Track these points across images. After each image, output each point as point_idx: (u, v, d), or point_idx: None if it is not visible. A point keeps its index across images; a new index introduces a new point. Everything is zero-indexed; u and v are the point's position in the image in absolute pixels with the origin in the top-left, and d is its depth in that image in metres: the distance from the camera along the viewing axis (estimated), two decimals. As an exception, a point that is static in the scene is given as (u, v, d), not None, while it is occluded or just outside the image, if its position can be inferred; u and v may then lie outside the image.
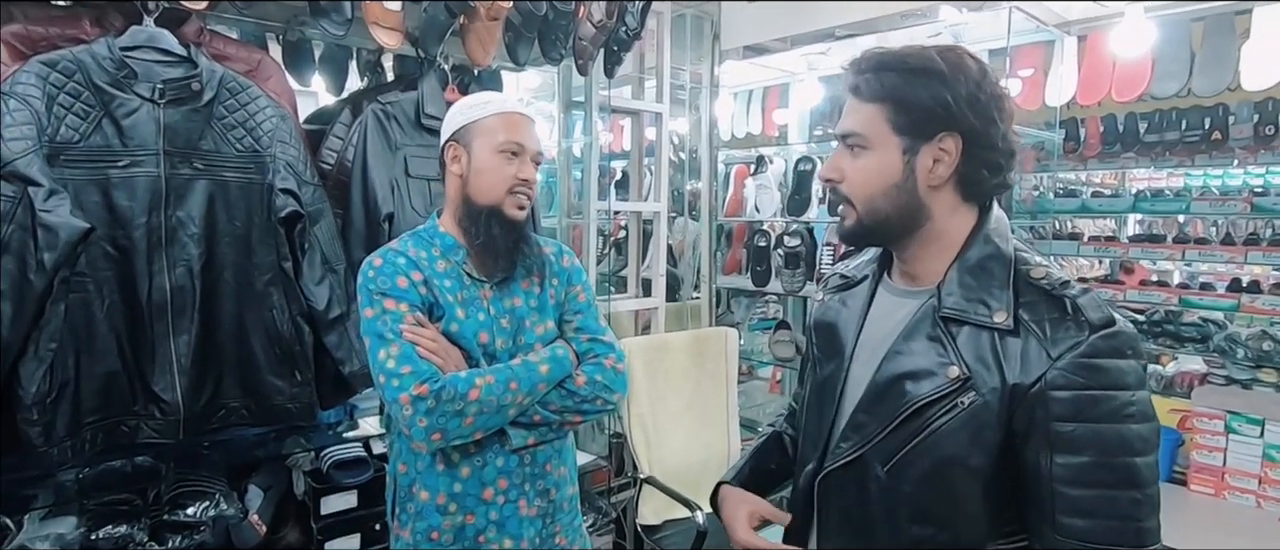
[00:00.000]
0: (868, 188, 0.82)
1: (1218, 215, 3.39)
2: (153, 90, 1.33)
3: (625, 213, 2.73)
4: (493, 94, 1.27)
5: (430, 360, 1.11)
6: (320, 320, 1.50)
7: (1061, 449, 0.72)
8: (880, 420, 0.80)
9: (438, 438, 1.10)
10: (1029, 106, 2.72)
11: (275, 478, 1.69)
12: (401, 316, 1.13)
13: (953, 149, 0.78)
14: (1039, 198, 3.30)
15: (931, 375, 0.77)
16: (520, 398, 1.16)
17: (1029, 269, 0.78)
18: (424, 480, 1.20)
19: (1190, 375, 3.29)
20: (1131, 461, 0.71)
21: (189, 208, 1.38)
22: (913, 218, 0.81)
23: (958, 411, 0.75)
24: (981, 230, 0.81)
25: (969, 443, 0.75)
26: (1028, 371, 0.73)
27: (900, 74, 0.79)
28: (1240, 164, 3.63)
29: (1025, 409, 0.73)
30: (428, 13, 1.65)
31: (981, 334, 0.76)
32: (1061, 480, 0.72)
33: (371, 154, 1.62)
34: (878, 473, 0.81)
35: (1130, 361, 0.72)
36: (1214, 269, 3.60)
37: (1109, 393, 0.71)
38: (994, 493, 0.77)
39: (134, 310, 1.34)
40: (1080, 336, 0.72)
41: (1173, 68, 2.36)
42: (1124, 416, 0.71)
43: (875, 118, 0.80)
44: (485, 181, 1.18)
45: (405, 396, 1.08)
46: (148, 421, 1.37)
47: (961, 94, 0.76)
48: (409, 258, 1.19)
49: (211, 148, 1.41)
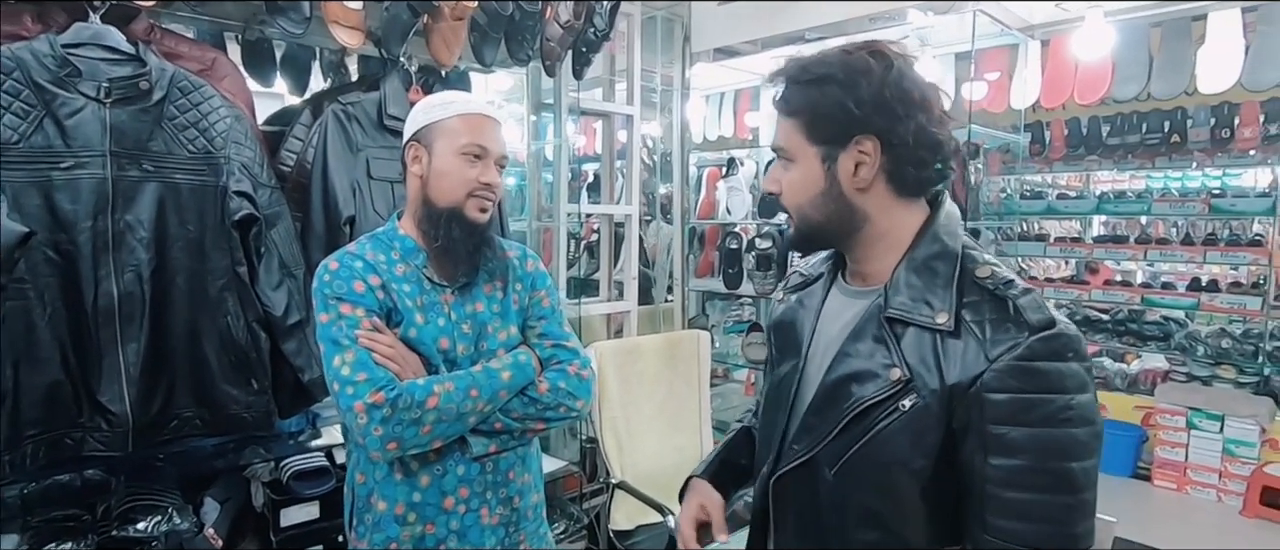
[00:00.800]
0: (797, 198, 0.83)
1: (1178, 216, 3.48)
2: (98, 89, 1.28)
3: (597, 216, 2.71)
4: (457, 94, 1.24)
5: (386, 367, 1.08)
6: (278, 326, 1.46)
7: (996, 451, 0.71)
8: (828, 423, 0.80)
9: (393, 447, 1.06)
10: (995, 109, 2.77)
11: (233, 490, 1.64)
12: (357, 322, 1.10)
13: (871, 150, 0.78)
14: (1006, 199, 3.35)
15: (875, 377, 0.77)
16: (481, 405, 1.13)
17: (975, 268, 0.78)
18: (382, 490, 1.17)
19: (1153, 373, 3.36)
20: (1067, 466, 0.71)
21: (138, 211, 1.33)
22: (847, 222, 0.82)
23: (898, 415, 0.75)
24: (930, 228, 0.81)
25: (910, 446, 0.75)
26: (966, 372, 0.72)
27: (805, 86, 0.80)
28: (1198, 166, 3.73)
29: (962, 410, 0.73)
30: (389, 12, 1.61)
31: (924, 335, 0.76)
32: (995, 482, 0.72)
33: (332, 155, 1.58)
34: (826, 476, 0.80)
35: (1070, 365, 0.71)
36: (1175, 268, 3.69)
37: (1046, 396, 0.70)
38: (936, 496, 0.76)
39: (79, 318, 1.29)
40: (1019, 338, 0.71)
41: (1132, 71, 2.41)
42: (1061, 420, 0.70)
43: (793, 131, 0.81)
44: (446, 184, 1.16)
45: (360, 405, 1.04)
46: (94, 434, 1.31)
47: (864, 97, 0.76)
48: (367, 261, 1.16)
49: (162, 149, 1.36)
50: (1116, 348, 3.52)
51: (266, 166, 1.49)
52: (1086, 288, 3.57)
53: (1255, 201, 3.21)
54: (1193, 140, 3.25)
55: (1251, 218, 3.28)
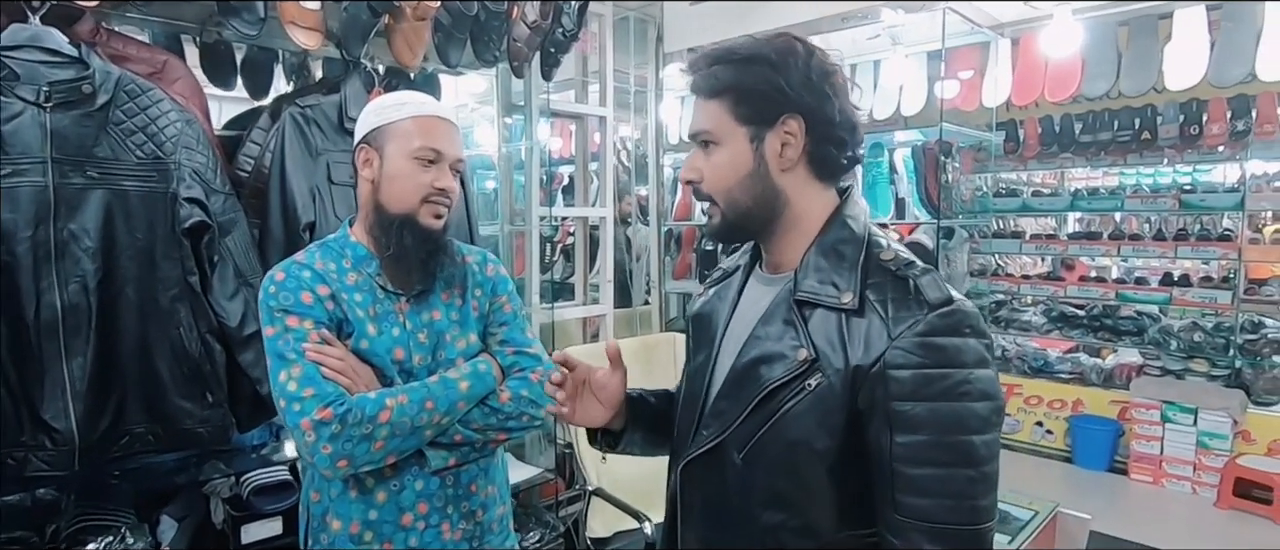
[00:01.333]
0: (724, 181, 0.82)
1: (1150, 212, 3.52)
2: (37, 93, 1.23)
3: (572, 219, 2.68)
4: (411, 94, 1.19)
5: (336, 381, 1.03)
6: (233, 337, 1.41)
7: (900, 428, 0.72)
8: (737, 406, 0.80)
9: (344, 465, 1.02)
10: (967, 108, 2.78)
11: (191, 506, 1.58)
12: (305, 334, 1.05)
13: (797, 130, 0.79)
14: (981, 197, 3.37)
15: (784, 358, 0.77)
16: (437, 418, 1.09)
17: (880, 252, 0.79)
18: (337, 508, 1.12)
19: (1128, 367, 3.39)
20: (968, 440, 0.71)
21: (83, 220, 1.28)
22: (771, 206, 0.82)
23: (804, 394, 0.76)
24: (838, 215, 0.83)
25: (815, 425, 0.75)
26: (870, 351, 0.73)
27: (734, 65, 0.80)
28: (1169, 163, 3.78)
29: (867, 389, 0.73)
30: (349, 12, 1.57)
31: (831, 316, 0.77)
32: (900, 459, 0.72)
33: (290, 159, 1.53)
34: (734, 460, 0.80)
35: (968, 340, 0.72)
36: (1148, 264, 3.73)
37: (944, 371, 0.71)
38: (842, 477, 0.76)
39: (19, 332, 1.23)
40: (918, 315, 0.72)
41: (1102, 68, 2.43)
42: (959, 394, 0.71)
43: (719, 112, 0.81)
44: (398, 189, 1.11)
45: (307, 421, 0.99)
46: (37, 453, 1.26)
47: (794, 77, 0.78)
48: (315, 271, 1.11)
49: (108, 155, 1.31)
50: (1092, 343, 3.55)
51: (220, 172, 1.44)
52: (1062, 284, 3.60)
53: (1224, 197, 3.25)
54: (1163, 137, 3.29)
55: (1221, 213, 3.32)
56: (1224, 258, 3.24)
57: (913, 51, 2.68)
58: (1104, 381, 3.42)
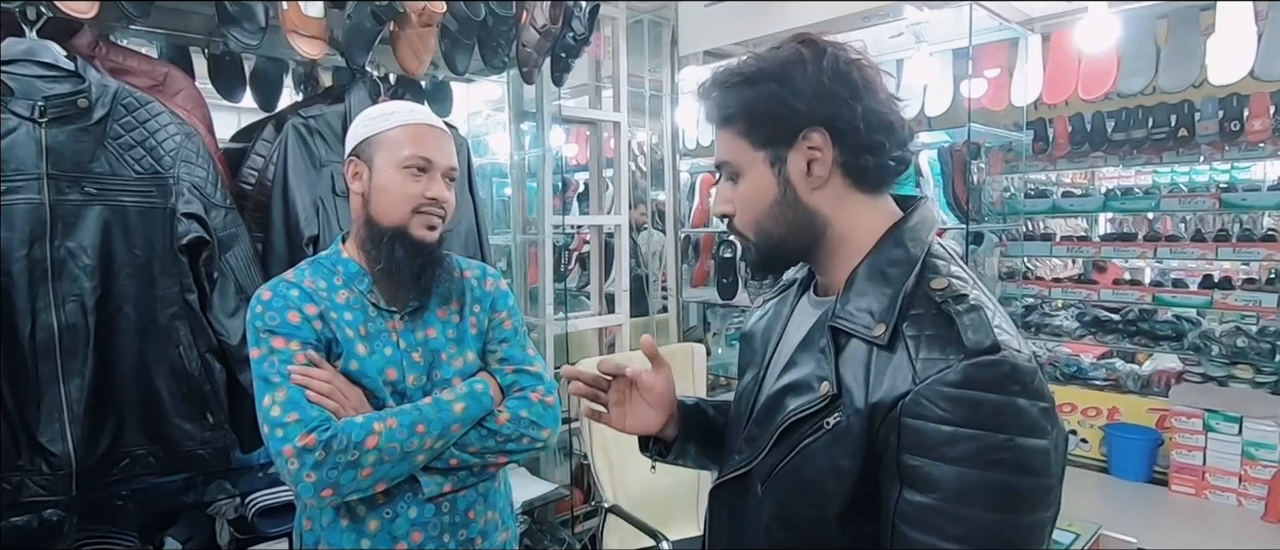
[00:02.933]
0: (752, 212, 0.75)
1: (1187, 212, 3.39)
2: (32, 108, 1.20)
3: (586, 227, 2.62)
4: (400, 104, 1.15)
5: (322, 404, 0.99)
6: (234, 356, 1.37)
7: (909, 484, 0.62)
8: (765, 435, 0.73)
9: (329, 493, 0.98)
10: (996, 107, 2.68)
11: (196, 528, 1.55)
12: (291, 356, 1.01)
13: (821, 143, 0.71)
14: (1010, 199, 3.27)
15: (810, 390, 0.70)
16: (430, 441, 1.04)
17: (933, 277, 0.69)
18: (328, 537, 1.07)
19: (1166, 374, 3.26)
20: (989, 517, 0.60)
21: (80, 237, 1.25)
22: (807, 230, 0.74)
23: (822, 432, 0.67)
24: (895, 232, 0.73)
25: (827, 468, 0.67)
26: (891, 391, 0.63)
27: (736, 89, 0.74)
28: (1207, 160, 3.64)
29: (883, 432, 0.64)
30: (352, 19, 1.53)
31: (863, 348, 0.68)
32: (903, 518, 0.62)
33: (293, 172, 1.50)
34: (757, 490, 0.74)
35: (1015, 400, 0.61)
36: (1185, 266, 3.60)
37: (973, 432, 0.60)
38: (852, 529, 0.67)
39: (14, 353, 1.20)
40: (952, 360, 0.61)
41: (1138, 64, 2.32)
42: (990, 462, 0.60)
43: (734, 140, 0.75)
44: (388, 200, 1.07)
45: (289, 448, 0.96)
46: (33, 477, 1.23)
47: (801, 87, 0.70)
48: (304, 289, 1.07)
49: (106, 170, 1.28)
50: (1127, 348, 3.43)
51: (221, 186, 1.40)
52: (1095, 287, 3.47)
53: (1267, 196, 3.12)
54: (1201, 133, 3.16)
55: (1263, 212, 3.18)
56: (1268, 258, 3.11)
57: (937, 49, 2.58)
58: (1141, 388, 3.29)
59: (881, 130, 0.71)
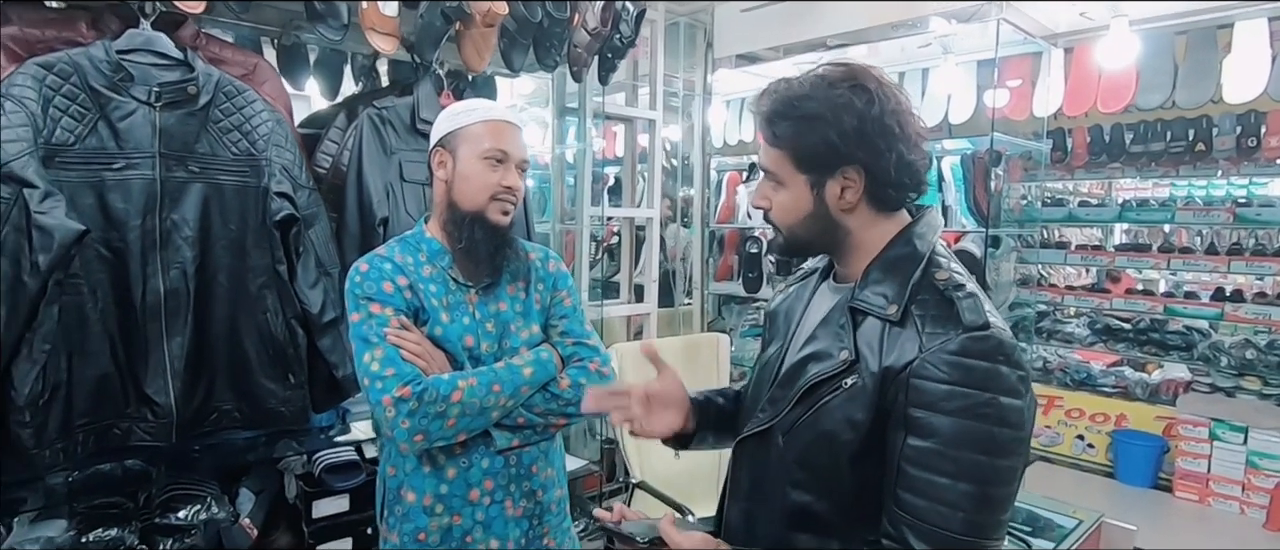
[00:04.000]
0: (787, 218, 0.90)
1: (1202, 225, 3.44)
2: (149, 93, 1.33)
3: (618, 219, 2.74)
4: (481, 101, 1.28)
5: (413, 363, 1.12)
6: (314, 323, 1.51)
7: (915, 432, 0.77)
8: (788, 395, 0.87)
9: (420, 439, 1.11)
10: (1017, 116, 2.76)
11: (266, 481, 1.68)
12: (386, 320, 1.14)
13: (856, 178, 0.84)
14: (1027, 206, 3.35)
15: (830, 357, 0.84)
16: (503, 400, 1.17)
17: (936, 271, 0.84)
18: (411, 482, 1.20)
19: (1175, 383, 3.33)
20: (976, 458, 0.75)
21: (183, 210, 1.38)
22: (831, 237, 0.89)
23: (841, 391, 0.82)
24: (905, 232, 0.87)
25: (843, 420, 0.82)
26: (901, 358, 0.78)
27: (790, 122, 0.85)
28: (1224, 175, 3.70)
29: (892, 391, 0.79)
30: (424, 18, 1.66)
31: (877, 324, 0.82)
32: (908, 459, 0.77)
33: (367, 158, 1.63)
34: (778, 442, 0.88)
35: (1000, 367, 0.76)
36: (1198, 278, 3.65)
37: (968, 390, 0.75)
38: (863, 470, 0.82)
39: (127, 313, 1.34)
40: (952, 333, 0.77)
41: (1157, 80, 2.40)
42: (979, 415, 0.75)
43: (781, 160, 0.87)
44: (469, 187, 1.19)
45: (388, 398, 1.09)
46: (140, 424, 1.36)
47: (848, 130, 0.82)
48: (395, 263, 1.20)
49: (207, 151, 1.41)
50: (1138, 357, 3.49)
51: (305, 168, 1.54)
52: (1108, 296, 3.54)
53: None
54: (1218, 148, 3.22)
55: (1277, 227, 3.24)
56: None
57: (963, 60, 2.68)
58: (1149, 396, 3.36)
59: (906, 172, 0.85)
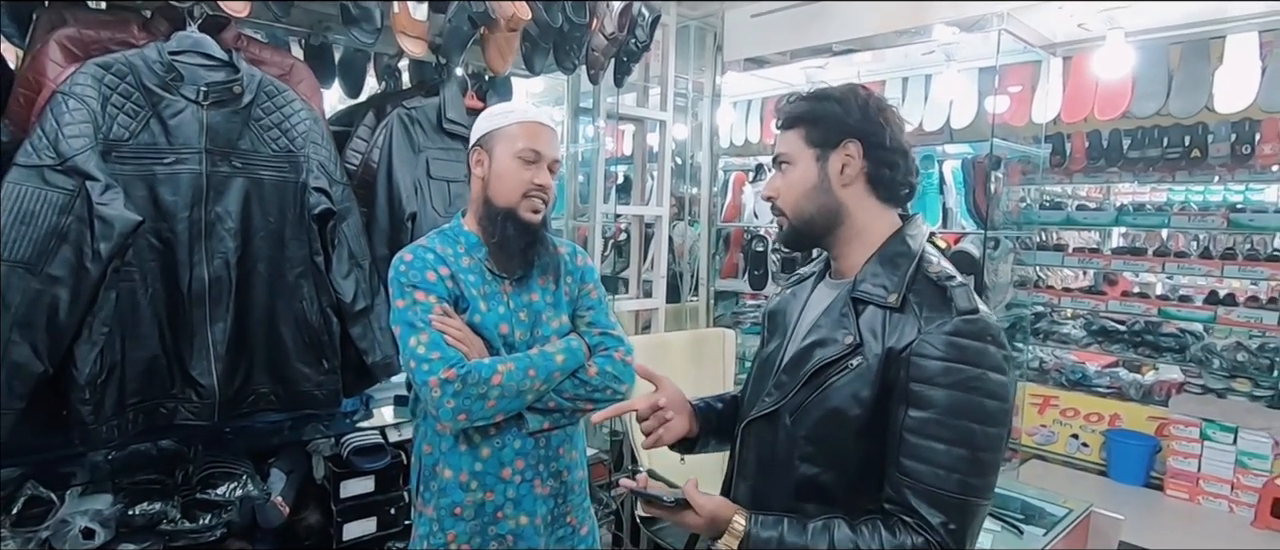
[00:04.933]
0: (794, 193, 1.01)
1: (1197, 230, 3.52)
2: (197, 92, 1.41)
3: (627, 216, 2.82)
4: (517, 104, 1.36)
5: (457, 348, 1.20)
6: (346, 312, 1.59)
7: (915, 404, 0.87)
8: (795, 379, 0.97)
9: (463, 418, 1.19)
10: (1016, 122, 2.84)
11: (296, 462, 1.76)
12: (430, 307, 1.21)
13: (855, 153, 0.97)
14: (1026, 209, 3.42)
15: (835, 342, 0.94)
16: (537, 384, 1.25)
17: (928, 265, 0.95)
18: (448, 460, 1.29)
19: (1168, 384, 3.42)
20: (970, 426, 0.85)
21: (226, 203, 1.46)
22: (833, 215, 1.00)
23: (847, 372, 0.92)
24: (899, 232, 0.99)
25: (850, 397, 0.92)
26: (902, 339, 0.89)
27: (808, 102, 1.01)
28: (1220, 181, 3.77)
29: (895, 369, 0.89)
30: (452, 22, 1.74)
31: (878, 312, 0.93)
32: (908, 429, 0.87)
33: (397, 156, 1.71)
34: (785, 421, 0.97)
35: (986, 346, 0.87)
36: (1193, 282, 3.73)
37: (960, 365, 0.85)
38: (867, 442, 0.92)
39: (175, 299, 1.42)
40: (947, 317, 0.88)
41: (1152, 89, 2.48)
42: (971, 387, 0.85)
43: (794, 138, 1.01)
44: (504, 185, 1.27)
45: (434, 380, 1.16)
46: (185, 404, 1.45)
47: (852, 110, 0.98)
48: (437, 253, 1.27)
49: (249, 147, 1.49)
50: (1132, 358, 3.58)
51: (339, 164, 1.62)
52: (1104, 298, 3.63)
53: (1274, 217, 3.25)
54: (1213, 155, 3.30)
55: (1271, 233, 3.32)
56: (1272, 278, 3.24)
57: (965, 67, 2.76)
58: (1143, 397, 3.44)
59: (899, 153, 0.99)
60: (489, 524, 1.30)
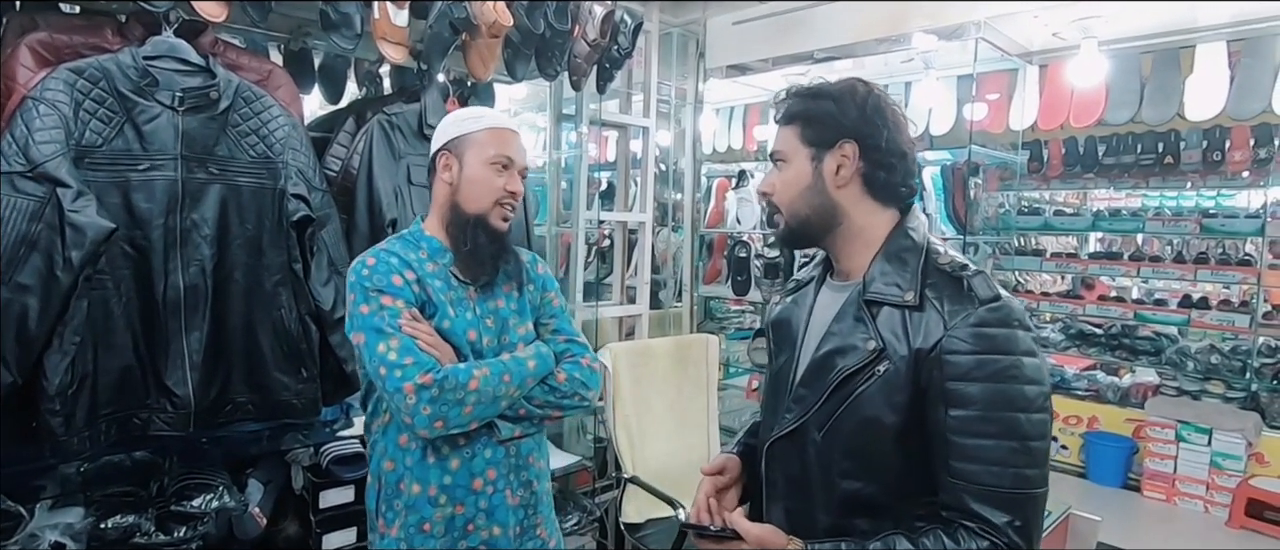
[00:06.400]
0: (789, 193, 0.98)
1: (1171, 235, 3.59)
2: (173, 98, 1.40)
3: (610, 222, 2.82)
4: (485, 109, 1.35)
5: (429, 353, 1.17)
6: (326, 320, 1.57)
7: (954, 404, 0.84)
8: (816, 392, 0.93)
9: (440, 425, 1.15)
10: (994, 129, 2.89)
11: (274, 472, 1.74)
12: (398, 312, 1.18)
13: (851, 153, 0.94)
14: (1004, 215, 3.46)
15: (856, 349, 0.91)
16: (511, 390, 1.23)
17: (937, 257, 0.92)
18: (415, 474, 1.24)
19: (1144, 386, 3.46)
20: (1014, 416, 0.82)
21: (202, 210, 1.45)
22: (828, 216, 0.97)
23: (875, 378, 0.89)
24: (900, 227, 0.96)
25: (884, 403, 0.88)
26: (929, 338, 0.86)
27: (805, 99, 0.97)
28: (1192, 187, 3.85)
29: (926, 370, 0.86)
30: (433, 29, 1.73)
31: (895, 312, 0.90)
32: (953, 430, 0.84)
33: (377, 162, 1.70)
34: (815, 437, 0.94)
35: (1015, 331, 0.84)
36: (1168, 286, 3.79)
37: (993, 356, 0.83)
38: (907, 448, 0.89)
39: (149, 307, 1.40)
40: (971, 308, 0.85)
41: (1125, 97, 2.53)
42: (1008, 376, 0.83)
43: (790, 136, 0.98)
44: (475, 191, 1.25)
45: (409, 386, 1.12)
46: (160, 414, 1.42)
47: (850, 109, 0.94)
48: (401, 258, 1.24)
49: (226, 153, 1.47)
50: (1110, 361, 3.62)
51: (318, 171, 1.60)
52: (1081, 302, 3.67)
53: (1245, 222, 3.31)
54: (1186, 162, 3.36)
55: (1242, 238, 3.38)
56: (1244, 282, 3.30)
57: (943, 75, 2.80)
58: (1120, 400, 3.48)
59: (896, 156, 0.95)
60: (459, 538, 1.26)
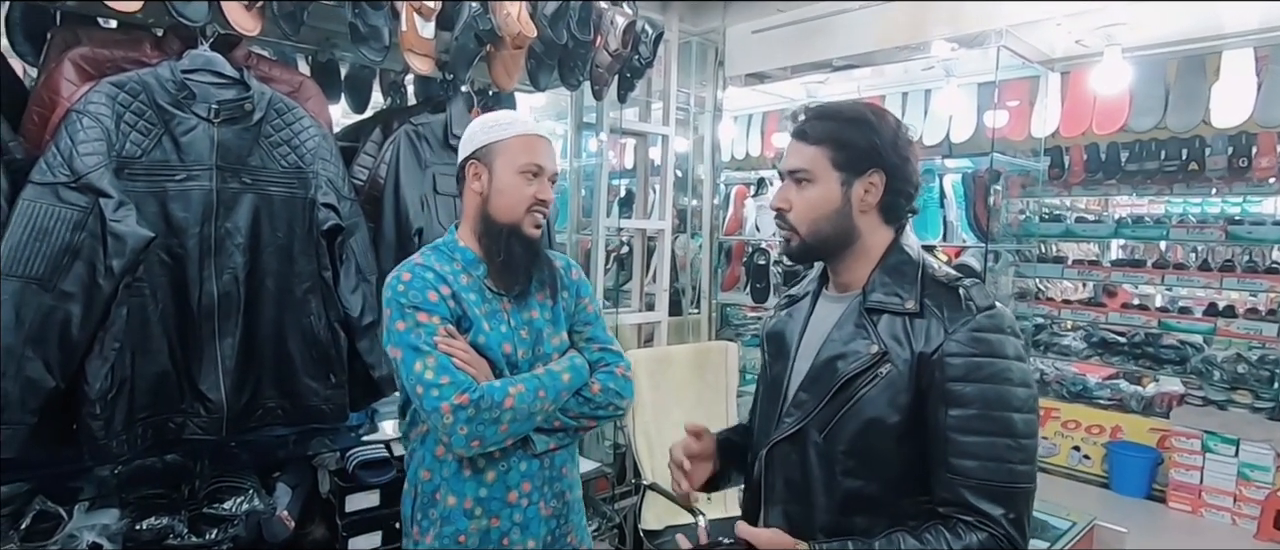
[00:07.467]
0: (812, 213, 1.01)
1: (1196, 242, 3.54)
2: (209, 110, 1.44)
3: (629, 230, 2.84)
4: (514, 115, 1.32)
5: (465, 371, 1.16)
6: (354, 326, 1.60)
7: (953, 404, 0.90)
8: (818, 396, 0.98)
9: (477, 444, 1.16)
10: (1015, 137, 2.87)
11: (301, 476, 1.77)
12: (434, 329, 1.17)
13: (879, 182, 0.99)
14: (1025, 222, 3.44)
15: (858, 354, 0.95)
16: (546, 405, 1.23)
17: (933, 270, 0.98)
18: (451, 486, 1.24)
19: (1169, 396, 3.42)
20: (1008, 416, 0.88)
21: (236, 219, 1.48)
22: (847, 237, 1.01)
23: (878, 380, 0.94)
24: (897, 243, 1.02)
25: (887, 405, 0.93)
26: (930, 343, 0.92)
27: (839, 122, 0.99)
28: (1217, 193, 3.80)
29: (927, 372, 0.92)
30: (459, 41, 1.76)
31: (896, 319, 0.95)
32: (952, 428, 0.90)
33: (404, 171, 1.72)
34: (816, 439, 0.98)
35: (1008, 337, 0.91)
36: (1192, 294, 3.73)
37: (990, 359, 0.89)
38: (908, 447, 0.93)
39: (184, 314, 1.43)
40: (969, 316, 0.91)
41: (1149, 104, 2.51)
42: (1003, 379, 0.89)
43: (818, 157, 0.99)
44: (506, 200, 1.23)
45: (446, 406, 1.12)
46: (194, 419, 1.46)
47: (886, 138, 0.98)
48: (436, 272, 1.23)
49: (259, 164, 1.51)
50: (1133, 370, 3.58)
51: (347, 180, 1.64)
52: (1104, 310, 3.63)
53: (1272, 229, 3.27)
54: (1211, 168, 3.32)
55: (1269, 245, 3.34)
56: (1271, 290, 3.25)
57: (964, 83, 2.79)
58: (1144, 409, 3.44)
59: (913, 186, 1.01)
60: None
